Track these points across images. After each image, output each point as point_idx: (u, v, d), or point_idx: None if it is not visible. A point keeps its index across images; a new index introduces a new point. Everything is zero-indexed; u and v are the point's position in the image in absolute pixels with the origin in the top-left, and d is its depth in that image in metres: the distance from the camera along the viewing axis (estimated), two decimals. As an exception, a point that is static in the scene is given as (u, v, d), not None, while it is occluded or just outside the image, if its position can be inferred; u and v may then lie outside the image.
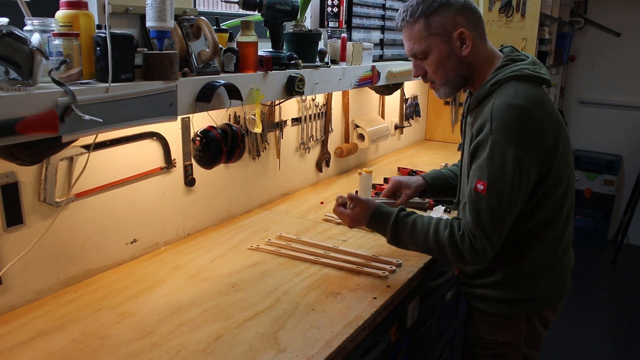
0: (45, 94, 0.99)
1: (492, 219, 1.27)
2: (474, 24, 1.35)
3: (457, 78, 1.39)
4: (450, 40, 1.34)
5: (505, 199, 1.26)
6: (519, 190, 1.27)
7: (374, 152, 2.95)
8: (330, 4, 2.16)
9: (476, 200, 1.28)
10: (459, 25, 1.33)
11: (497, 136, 1.25)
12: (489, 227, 1.27)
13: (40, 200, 1.32)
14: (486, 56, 1.39)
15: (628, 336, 3.28)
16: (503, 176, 1.25)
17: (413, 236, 1.38)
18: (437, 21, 1.33)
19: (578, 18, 4.52)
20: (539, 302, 1.45)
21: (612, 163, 4.48)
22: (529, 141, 1.25)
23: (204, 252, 1.66)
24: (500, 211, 1.27)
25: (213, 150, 1.48)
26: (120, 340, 1.18)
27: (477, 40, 1.36)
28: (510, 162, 1.24)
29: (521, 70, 1.32)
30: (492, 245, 1.29)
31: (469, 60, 1.37)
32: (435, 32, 1.34)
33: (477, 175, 1.28)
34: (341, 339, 1.20)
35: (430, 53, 1.37)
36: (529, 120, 1.25)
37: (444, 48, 1.35)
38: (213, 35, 1.37)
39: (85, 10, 1.14)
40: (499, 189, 1.25)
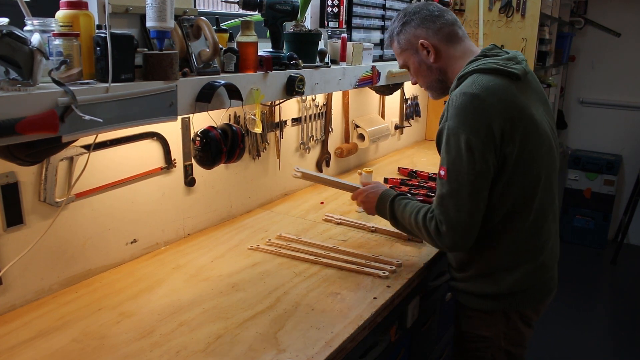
0: (45, 94, 0.99)
1: (455, 205, 1.32)
2: (433, 31, 1.47)
3: (433, 82, 1.53)
4: (417, 52, 1.50)
5: (465, 184, 1.30)
6: (478, 175, 1.30)
7: (374, 152, 2.95)
8: (330, 4, 2.16)
9: (440, 185, 1.35)
10: (419, 37, 1.48)
11: (450, 123, 1.32)
12: (453, 213, 1.32)
13: (40, 200, 1.32)
14: (456, 56, 1.48)
15: (628, 336, 3.28)
16: (459, 161, 1.30)
17: (403, 217, 1.49)
18: (403, 39, 1.52)
19: (578, 18, 4.52)
20: (517, 299, 1.44)
21: (612, 163, 4.48)
22: (480, 126, 1.29)
23: (204, 252, 1.66)
24: (461, 196, 1.31)
25: (213, 150, 1.48)
26: (120, 340, 1.18)
27: (441, 44, 1.48)
28: (464, 146, 1.29)
29: (486, 64, 1.36)
30: (455, 230, 1.32)
31: (438, 65, 1.49)
32: (404, 48, 1.53)
33: (440, 163, 1.36)
34: (341, 339, 1.20)
35: (408, 65, 1.56)
36: (480, 106, 1.29)
37: (415, 59, 1.52)
38: (213, 35, 1.37)
39: (85, 10, 1.14)
40: (457, 173, 1.31)
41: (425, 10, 1.49)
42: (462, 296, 1.54)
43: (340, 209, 2.09)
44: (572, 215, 4.63)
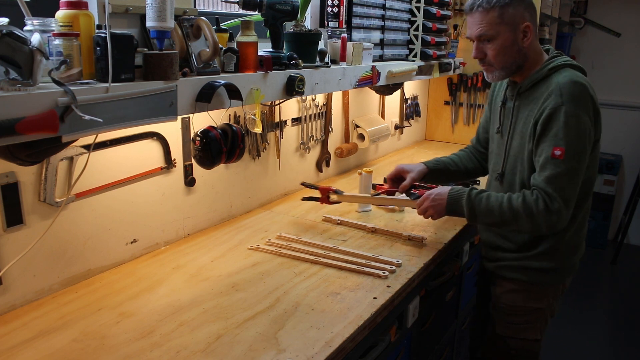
0: (45, 94, 0.99)
1: (570, 182, 1.45)
2: (534, 21, 1.55)
3: (513, 65, 1.57)
4: (516, 31, 1.53)
5: (581, 163, 1.46)
6: (586, 156, 1.48)
7: (374, 152, 2.95)
8: (330, 4, 2.15)
9: (554, 165, 1.44)
10: (526, 19, 1.53)
11: (570, 106, 1.44)
12: (568, 189, 1.45)
13: (40, 200, 1.32)
14: (537, 50, 1.60)
15: (628, 336, 3.28)
16: (579, 141, 1.45)
17: (489, 208, 1.53)
18: (509, 12, 1.51)
19: (578, 18, 4.53)
20: (568, 271, 1.65)
21: (612, 163, 4.48)
22: (592, 113, 1.48)
23: (204, 252, 1.66)
24: (576, 174, 1.46)
25: (213, 150, 1.48)
26: (120, 340, 1.18)
27: (535, 35, 1.56)
28: (583, 128, 1.45)
29: (571, 62, 1.56)
30: (568, 207, 1.46)
31: (526, 51, 1.56)
32: (506, 22, 1.52)
33: (552, 143, 1.45)
34: (341, 339, 1.20)
35: (497, 39, 1.54)
36: (590, 96, 1.48)
37: (510, 37, 1.53)
38: (213, 35, 1.37)
39: (85, 10, 1.14)
40: (576, 153, 1.44)
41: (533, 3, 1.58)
42: (518, 273, 1.65)
43: (340, 209, 2.08)
44: (572, 215, 4.62)
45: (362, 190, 2.06)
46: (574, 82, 1.47)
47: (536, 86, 1.57)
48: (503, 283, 1.71)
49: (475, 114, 3.35)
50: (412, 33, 2.67)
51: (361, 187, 2.05)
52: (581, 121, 1.44)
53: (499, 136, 1.72)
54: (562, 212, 1.45)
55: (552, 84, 1.50)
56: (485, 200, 1.54)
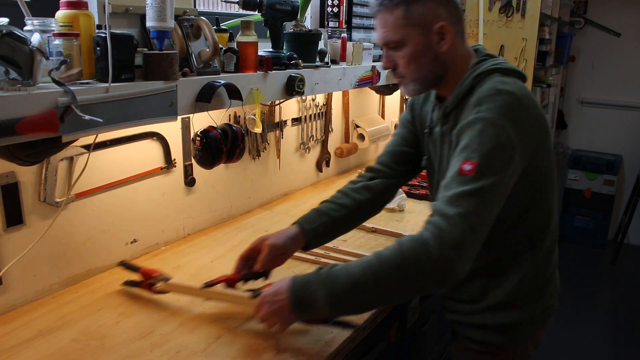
0: (45, 94, 0.99)
1: (479, 205, 1.05)
2: (455, 19, 1.23)
3: (429, 75, 1.24)
4: (428, 33, 1.20)
5: (496, 184, 1.07)
6: (509, 180, 1.10)
7: (374, 152, 2.95)
8: (330, 4, 2.16)
9: (460, 183, 1.06)
10: (440, 18, 1.20)
11: (489, 114, 1.10)
12: (474, 214, 1.04)
13: (40, 200, 1.32)
14: (463, 55, 1.26)
15: (628, 336, 3.28)
16: (496, 155, 1.08)
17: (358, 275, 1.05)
18: (418, 10, 1.19)
19: (578, 18, 4.52)
20: (536, 323, 1.30)
21: (612, 163, 4.48)
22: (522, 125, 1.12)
23: (204, 252, 1.66)
24: (489, 197, 1.06)
25: (213, 150, 1.48)
26: (120, 340, 1.18)
27: (457, 37, 1.23)
28: (505, 140, 1.08)
29: (503, 64, 1.23)
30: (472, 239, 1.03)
31: (445, 58, 1.23)
32: (414, 23, 1.20)
33: (462, 157, 1.09)
34: (341, 339, 1.20)
35: (405, 44, 1.21)
36: (521, 106, 1.13)
37: (421, 41, 1.21)
38: (213, 35, 1.37)
39: (85, 10, 1.14)
40: (490, 169, 1.06)
41: None
42: (473, 330, 1.32)
43: (340, 209, 2.08)
44: (572, 215, 4.63)
45: None
46: (498, 90, 1.13)
47: (462, 102, 1.22)
48: (460, 339, 1.38)
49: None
50: (412, 33, 2.67)
51: None
52: (503, 132, 1.08)
53: (430, 171, 1.41)
54: (466, 242, 1.02)
55: (473, 98, 1.17)
56: (345, 269, 1.06)
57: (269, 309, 1.11)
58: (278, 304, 1.10)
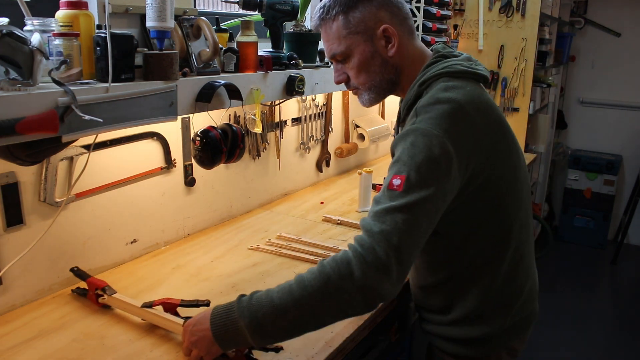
0: (45, 94, 0.99)
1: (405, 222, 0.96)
2: (399, 20, 1.17)
3: (382, 82, 1.20)
4: (373, 39, 1.16)
5: (427, 199, 0.98)
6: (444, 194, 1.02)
7: (374, 152, 2.95)
8: (330, 4, 2.15)
9: (388, 198, 0.99)
10: (382, 21, 1.15)
11: (422, 125, 1.03)
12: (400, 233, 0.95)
13: (40, 200, 1.32)
14: (415, 56, 1.20)
15: (628, 336, 3.28)
16: (428, 168, 0.99)
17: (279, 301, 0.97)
18: (357, 17, 1.15)
19: (578, 18, 4.52)
20: (508, 335, 1.23)
21: (612, 163, 4.48)
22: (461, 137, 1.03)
23: (204, 252, 1.66)
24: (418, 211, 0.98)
25: (213, 150, 1.48)
26: (120, 340, 1.18)
27: (405, 38, 1.18)
28: (438, 151, 1.00)
29: (452, 66, 1.14)
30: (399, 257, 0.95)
31: (395, 62, 1.18)
32: (355, 30, 1.15)
33: (394, 170, 1.02)
34: (341, 339, 1.20)
35: (352, 54, 1.18)
36: (463, 114, 1.05)
37: (367, 48, 1.16)
38: (213, 35, 1.37)
39: (85, 10, 1.14)
40: (420, 183, 0.99)
41: None
42: (443, 342, 1.27)
43: (340, 209, 2.09)
44: (572, 215, 4.63)
45: (362, 191, 2.05)
46: (436, 99, 1.06)
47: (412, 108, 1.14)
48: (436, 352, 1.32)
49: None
50: (412, 33, 2.67)
51: (361, 187, 2.05)
52: (436, 144, 1.00)
53: None
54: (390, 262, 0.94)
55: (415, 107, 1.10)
56: (265, 295, 1.00)
57: (190, 339, 1.04)
58: (199, 334, 1.03)
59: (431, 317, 1.29)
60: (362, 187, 2.06)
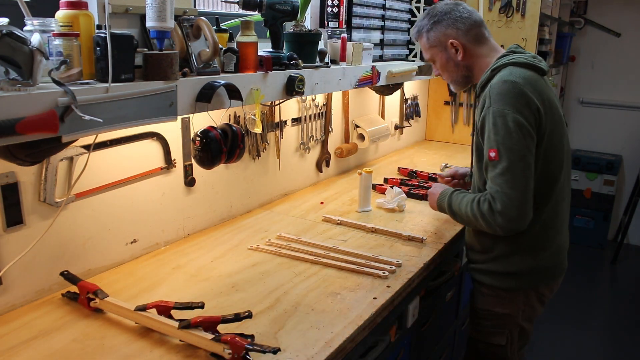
0: (45, 94, 0.99)
1: (508, 181, 1.42)
2: (464, 32, 1.61)
3: (459, 77, 1.68)
4: (446, 49, 1.64)
5: (517, 160, 1.41)
6: (527, 151, 1.43)
7: (374, 152, 2.95)
8: (330, 4, 2.15)
9: (491, 167, 1.45)
10: (450, 37, 1.62)
11: (495, 106, 1.44)
12: (507, 190, 1.41)
13: (40, 200, 1.32)
14: (483, 54, 1.63)
15: (628, 336, 3.28)
16: (509, 138, 1.42)
17: (460, 209, 1.57)
18: (432, 36, 1.65)
19: (578, 18, 4.53)
20: (535, 277, 1.60)
21: (612, 163, 4.48)
22: (522, 107, 1.43)
23: (204, 252, 1.66)
24: (514, 173, 1.41)
25: (213, 151, 1.48)
26: (120, 340, 1.18)
27: (470, 44, 1.62)
28: (512, 124, 1.42)
29: (518, 59, 1.53)
30: (516, 205, 1.41)
31: (465, 63, 1.64)
32: (433, 45, 1.66)
33: (487, 146, 1.46)
34: (341, 339, 1.20)
35: (435, 60, 1.69)
36: (521, 91, 1.44)
37: (443, 56, 1.66)
38: (213, 35, 1.37)
39: (85, 10, 1.14)
40: (508, 150, 1.42)
41: (456, 11, 1.62)
42: (484, 276, 1.65)
43: (340, 209, 2.09)
44: (572, 215, 4.62)
45: (362, 191, 2.06)
46: (503, 81, 1.46)
47: (484, 88, 1.57)
48: (476, 285, 1.71)
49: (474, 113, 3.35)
50: (412, 33, 2.67)
51: (361, 187, 2.05)
52: (508, 118, 1.42)
53: None
54: (508, 212, 1.41)
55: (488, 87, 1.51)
56: (455, 201, 1.59)
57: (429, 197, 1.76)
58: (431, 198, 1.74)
59: (477, 257, 1.67)
60: (362, 187, 2.06)
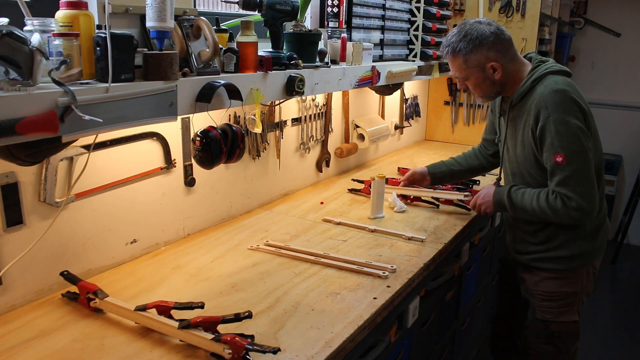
0: (45, 94, 0.99)
1: (581, 179, 1.58)
2: (503, 53, 1.68)
3: (491, 93, 1.76)
4: (484, 70, 1.69)
5: (584, 161, 1.58)
6: (589, 151, 1.59)
7: (374, 152, 2.95)
8: (330, 4, 2.15)
9: (560, 170, 1.58)
10: (491, 59, 1.67)
11: (555, 116, 1.58)
12: (581, 186, 1.57)
13: (40, 200, 1.32)
14: (515, 71, 1.72)
15: (628, 336, 3.28)
16: (574, 143, 1.57)
17: (523, 203, 1.69)
18: (473, 59, 1.68)
19: (578, 18, 4.52)
20: (593, 253, 1.79)
21: (612, 163, 4.48)
22: (578, 112, 1.59)
23: (204, 252, 1.66)
24: (583, 172, 1.58)
25: (213, 151, 1.48)
26: (120, 340, 1.18)
27: (507, 64, 1.70)
28: (575, 130, 1.57)
29: (551, 67, 1.67)
30: (589, 200, 1.58)
31: (500, 80, 1.71)
32: (471, 66, 1.69)
33: (552, 152, 1.59)
34: (341, 339, 1.20)
35: (469, 78, 1.73)
36: (572, 97, 1.59)
37: (480, 76, 1.71)
38: (213, 35, 1.37)
39: (85, 10, 1.14)
40: (575, 154, 1.57)
41: (495, 34, 1.67)
42: (548, 262, 1.78)
43: (340, 209, 2.09)
44: (572, 215, 4.62)
45: (375, 197, 2.01)
46: (554, 90, 1.60)
47: (525, 98, 1.69)
48: (538, 272, 1.82)
49: (475, 114, 3.35)
50: (412, 33, 2.67)
51: (374, 193, 2.01)
52: (570, 125, 1.57)
53: (500, 145, 1.89)
54: (583, 206, 1.58)
55: (536, 96, 1.63)
56: (520, 196, 1.70)
57: (481, 201, 1.84)
58: (487, 199, 1.82)
59: (535, 248, 1.80)
60: (374, 193, 2.00)
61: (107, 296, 1.29)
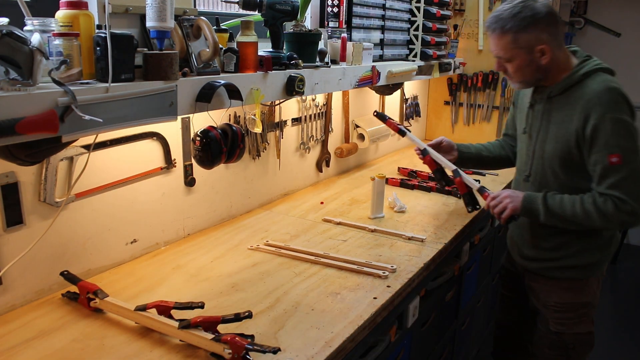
0: (45, 94, 0.99)
1: (635, 182, 1.49)
2: (554, 36, 1.55)
3: (532, 80, 1.62)
4: (532, 52, 1.55)
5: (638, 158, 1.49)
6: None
7: (374, 152, 2.95)
8: (330, 4, 2.15)
9: (615, 172, 1.49)
10: (542, 41, 1.53)
11: (611, 114, 1.48)
12: (636, 190, 1.48)
13: (40, 200, 1.32)
14: (560, 59, 1.59)
15: (628, 336, 3.28)
16: (632, 143, 1.49)
17: (563, 208, 1.57)
18: (524, 38, 1.53)
19: (578, 18, 4.52)
20: (605, 262, 1.72)
21: (612, 163, 4.47)
22: (631, 113, 1.52)
23: (204, 252, 1.66)
24: (638, 173, 1.49)
25: (213, 150, 1.48)
26: (120, 340, 1.18)
27: (556, 49, 1.56)
28: (631, 129, 1.49)
29: (600, 65, 1.58)
30: None
31: (545, 66, 1.57)
32: (520, 46, 1.54)
33: (606, 152, 1.49)
34: (341, 339, 1.20)
35: (513, 60, 1.58)
36: (626, 97, 1.52)
37: (526, 58, 1.56)
38: (213, 35, 1.37)
39: (85, 10, 1.14)
40: (633, 153, 1.48)
41: (556, 15, 1.56)
42: (559, 272, 1.71)
43: (340, 209, 2.09)
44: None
45: (375, 197, 2.01)
46: (610, 88, 1.50)
47: (569, 91, 1.58)
48: (550, 282, 1.74)
49: (475, 114, 3.35)
50: (412, 33, 2.67)
51: (374, 192, 2.01)
52: (627, 123, 1.49)
53: (525, 137, 1.74)
54: (637, 210, 1.49)
55: (588, 92, 1.53)
56: (558, 201, 1.58)
57: (508, 201, 1.64)
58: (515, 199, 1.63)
59: (549, 255, 1.71)
60: (375, 193, 2.00)
61: (107, 296, 1.29)
